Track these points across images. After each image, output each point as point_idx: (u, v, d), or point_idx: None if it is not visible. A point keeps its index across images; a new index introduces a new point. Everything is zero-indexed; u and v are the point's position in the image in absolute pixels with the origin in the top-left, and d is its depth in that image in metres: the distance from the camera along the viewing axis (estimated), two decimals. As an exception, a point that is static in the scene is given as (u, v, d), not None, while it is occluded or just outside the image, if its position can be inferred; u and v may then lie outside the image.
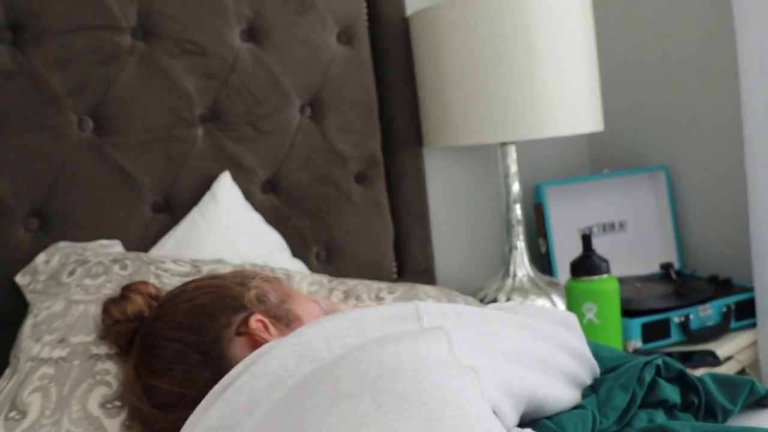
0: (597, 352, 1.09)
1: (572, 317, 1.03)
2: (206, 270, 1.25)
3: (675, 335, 1.68)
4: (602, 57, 2.06)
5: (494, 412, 0.79)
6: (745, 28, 1.66)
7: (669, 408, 0.97)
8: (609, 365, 1.05)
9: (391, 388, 0.72)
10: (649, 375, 0.95)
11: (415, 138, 1.80)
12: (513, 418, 0.85)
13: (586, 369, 1.01)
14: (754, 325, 1.75)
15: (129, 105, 1.44)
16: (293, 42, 1.62)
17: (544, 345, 0.94)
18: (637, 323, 1.64)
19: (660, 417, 0.94)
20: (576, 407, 0.93)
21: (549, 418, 0.90)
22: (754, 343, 1.74)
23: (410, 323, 0.88)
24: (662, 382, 0.96)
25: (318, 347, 0.83)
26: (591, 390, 0.98)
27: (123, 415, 0.99)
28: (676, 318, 1.67)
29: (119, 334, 1.04)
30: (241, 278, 1.04)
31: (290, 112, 1.61)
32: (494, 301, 1.69)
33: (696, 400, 0.98)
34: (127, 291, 1.08)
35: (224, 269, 1.25)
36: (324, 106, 1.66)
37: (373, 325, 0.86)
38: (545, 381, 0.90)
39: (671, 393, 0.96)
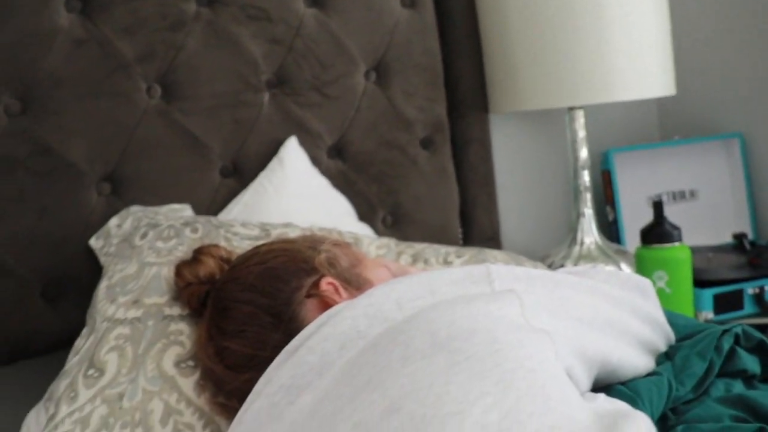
0: (671, 319, 1.06)
1: (647, 283, 1.01)
2: (275, 234, 1.26)
3: (748, 307, 1.63)
4: (675, 18, 2.00)
5: (568, 375, 0.78)
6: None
7: (748, 378, 0.94)
8: (684, 333, 1.02)
9: (463, 349, 0.72)
10: (727, 343, 0.92)
11: (481, 103, 1.78)
12: (586, 383, 0.84)
13: (661, 336, 0.98)
14: (831, 297, 1.70)
15: (196, 71, 1.45)
16: (357, 6, 1.60)
17: (617, 310, 0.92)
18: (708, 294, 1.60)
19: (738, 387, 0.92)
20: (651, 374, 0.91)
21: (623, 384, 0.88)
22: (832, 316, 1.69)
23: (481, 286, 0.87)
24: (741, 352, 0.93)
25: (389, 308, 0.83)
26: (666, 357, 0.95)
27: (196, 375, 1.01)
28: (750, 289, 1.63)
29: (192, 296, 1.06)
30: (312, 242, 1.04)
31: (355, 76, 1.60)
32: (561, 267, 1.67)
33: (776, 372, 0.95)
34: (198, 254, 1.09)
35: (293, 233, 1.25)
36: (389, 70, 1.64)
37: (443, 287, 0.86)
38: (619, 346, 0.89)
39: (751, 363, 0.93)
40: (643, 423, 0.65)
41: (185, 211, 1.39)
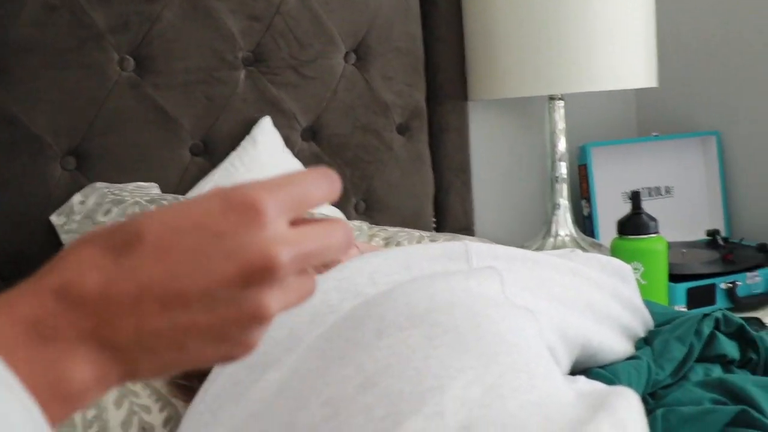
0: (649, 308, 1.04)
1: (627, 268, 0.99)
2: None
3: (720, 302, 1.62)
4: (660, 13, 1.99)
5: (550, 354, 0.75)
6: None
7: (726, 363, 0.93)
8: (661, 320, 1.00)
9: (443, 322, 0.69)
10: (708, 328, 0.91)
11: (461, 91, 1.75)
12: (565, 364, 0.81)
13: (640, 321, 0.97)
14: (803, 295, 1.70)
15: (171, 45, 1.41)
16: (339, -14, 1.58)
17: (598, 293, 0.90)
18: (682, 288, 1.59)
19: (717, 372, 0.90)
20: (630, 358, 0.89)
21: (602, 367, 0.86)
22: (803, 314, 1.69)
23: (459, 263, 0.84)
24: (721, 336, 0.92)
25: (362, 282, 0.80)
26: (644, 342, 0.94)
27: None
28: (722, 284, 1.62)
29: None
30: None
31: (335, 57, 1.57)
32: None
33: (755, 357, 0.94)
34: None
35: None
36: (369, 53, 1.61)
37: (420, 263, 0.83)
38: (600, 330, 0.87)
39: (730, 348, 0.92)
40: (633, 398, 0.62)
41: (152, 189, 1.35)
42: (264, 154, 1.45)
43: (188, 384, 0.92)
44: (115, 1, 1.36)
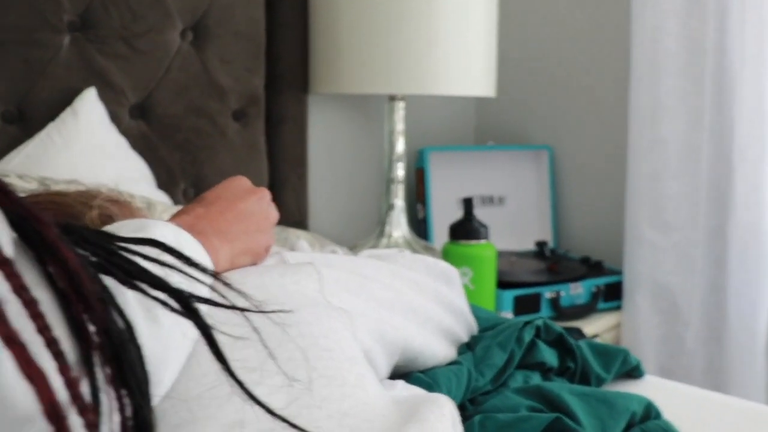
0: (474, 312, 1.03)
1: (453, 271, 0.97)
2: (56, 190, 1.11)
3: (545, 310, 1.66)
4: (502, 27, 2.03)
5: (366, 358, 0.71)
6: (642, 18, 1.67)
7: (545, 371, 0.93)
8: (485, 325, 0.99)
9: (251, 320, 0.63)
10: (528, 335, 0.91)
11: (302, 82, 1.70)
12: (385, 369, 0.78)
13: (464, 326, 0.95)
14: (619, 308, 1.77)
15: (-15, -2, 1.28)
16: (180, -41, 1.49)
17: (420, 297, 0.87)
18: (509, 295, 1.61)
19: (536, 379, 0.90)
20: (451, 363, 0.87)
21: (422, 372, 0.83)
22: (618, 325, 1.76)
23: (273, 260, 0.79)
24: (541, 344, 0.92)
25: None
26: (467, 348, 0.92)
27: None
28: (547, 293, 1.66)
29: None
30: (86, 197, 0.92)
31: (170, 33, 1.48)
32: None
33: (572, 366, 0.94)
34: None
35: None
36: (208, 33, 1.53)
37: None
38: (421, 333, 0.84)
39: (549, 356, 0.92)
40: (447, 406, 0.59)
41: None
42: (86, 128, 1.34)
43: None
44: None
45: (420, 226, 1.94)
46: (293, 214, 1.71)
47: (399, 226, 1.71)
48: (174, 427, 0.54)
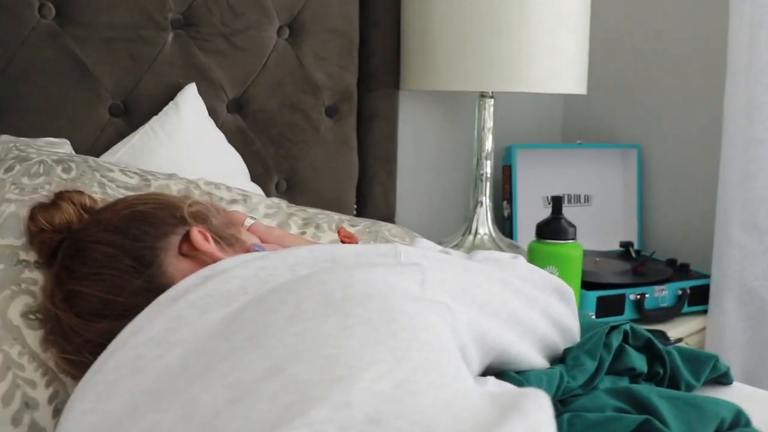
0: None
1: (568, 289, 0.96)
2: (156, 185, 1.16)
3: (629, 313, 1.65)
4: (594, 24, 2.01)
5: (461, 353, 0.74)
6: (740, 13, 1.63)
7: (634, 377, 0.93)
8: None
9: (358, 313, 0.67)
10: (616, 340, 0.91)
11: (393, 78, 1.73)
12: (477, 365, 0.80)
13: (567, 343, 0.95)
14: (704, 312, 1.75)
15: (96, -4, 1.34)
16: (279, -43, 1.53)
17: (526, 308, 0.88)
18: (593, 296, 1.61)
19: (624, 384, 0.90)
20: (541, 369, 0.88)
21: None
22: (703, 329, 1.74)
23: (386, 259, 0.82)
24: (630, 350, 0.92)
25: (282, 272, 0.77)
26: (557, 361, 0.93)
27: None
28: (632, 295, 1.65)
29: (43, 244, 0.95)
30: (185, 197, 0.97)
31: (268, 30, 1.53)
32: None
33: (661, 371, 0.94)
34: (59, 198, 0.98)
35: (176, 187, 1.16)
36: (304, 29, 1.57)
37: (346, 258, 0.80)
38: (520, 342, 0.85)
39: (638, 361, 0.92)
40: (545, 400, 0.61)
41: (63, 146, 1.27)
42: (187, 122, 1.39)
43: (79, 359, 0.87)
44: (38, -58, 1.28)
45: (505, 224, 1.95)
46: (381, 209, 1.74)
47: (485, 223, 1.72)
48: (284, 407, 0.57)
